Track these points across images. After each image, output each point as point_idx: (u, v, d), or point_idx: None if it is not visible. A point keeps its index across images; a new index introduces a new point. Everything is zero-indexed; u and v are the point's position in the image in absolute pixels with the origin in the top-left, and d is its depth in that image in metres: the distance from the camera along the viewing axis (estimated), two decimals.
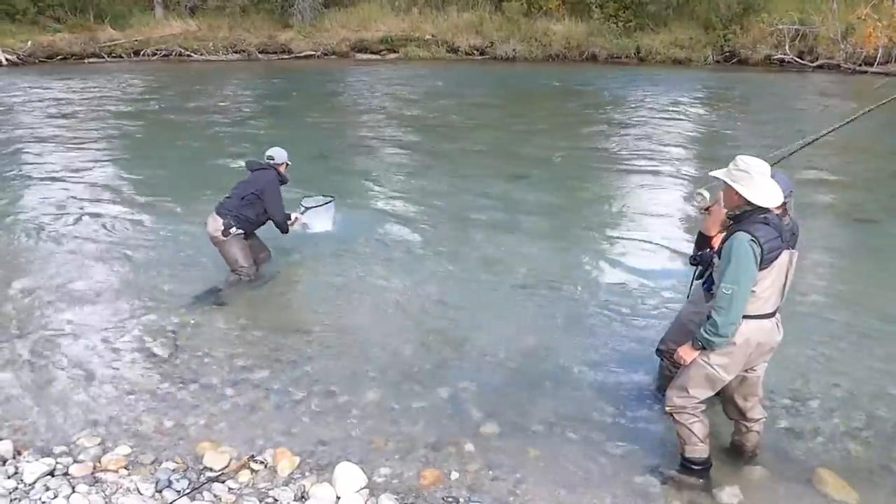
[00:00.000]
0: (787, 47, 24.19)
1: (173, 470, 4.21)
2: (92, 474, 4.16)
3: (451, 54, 28.35)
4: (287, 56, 29.19)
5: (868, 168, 11.88)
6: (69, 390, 5.17)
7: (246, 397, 5.07)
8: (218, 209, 6.72)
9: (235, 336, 6.06)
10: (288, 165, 7.06)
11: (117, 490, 4.00)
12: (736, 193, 3.69)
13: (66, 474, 4.15)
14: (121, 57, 28.89)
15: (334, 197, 8.13)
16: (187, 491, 3.98)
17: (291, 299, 6.72)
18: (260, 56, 29.30)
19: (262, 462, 4.29)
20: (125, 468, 4.24)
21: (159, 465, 4.28)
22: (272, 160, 6.91)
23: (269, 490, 4.04)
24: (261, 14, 30.96)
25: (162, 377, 5.35)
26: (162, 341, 5.92)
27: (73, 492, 3.94)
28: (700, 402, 4.03)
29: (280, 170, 6.94)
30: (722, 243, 3.80)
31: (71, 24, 30.11)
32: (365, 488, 4.02)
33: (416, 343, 5.89)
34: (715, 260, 3.94)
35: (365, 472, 4.12)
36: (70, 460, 4.29)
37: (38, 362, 5.56)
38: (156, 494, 3.97)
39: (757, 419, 4.24)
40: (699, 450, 4.10)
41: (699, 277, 4.37)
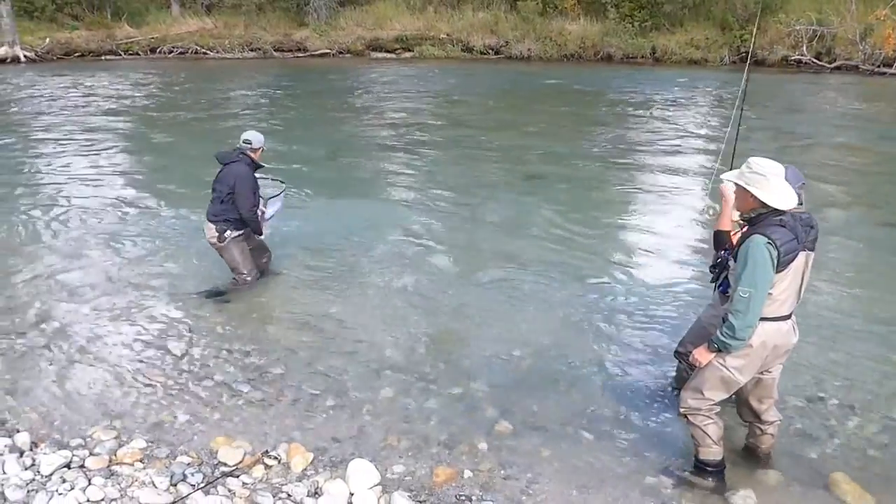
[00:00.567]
0: (805, 48, 24.00)
1: (188, 464, 4.24)
2: (108, 467, 4.19)
3: (466, 53, 28.33)
4: (302, 54, 29.28)
5: (890, 171, 11.77)
6: (85, 384, 5.22)
7: (260, 393, 5.10)
8: (208, 216, 6.54)
9: (250, 332, 6.09)
10: (263, 150, 6.63)
11: (133, 483, 4.03)
12: (751, 196, 3.66)
13: (83, 467, 4.19)
14: (137, 54, 29.07)
15: (284, 182, 7.60)
16: (202, 485, 4.01)
17: (304, 297, 6.73)
18: (275, 54, 29.40)
19: (276, 458, 4.31)
20: (140, 461, 4.27)
21: (174, 459, 4.31)
22: (248, 144, 6.48)
23: (283, 486, 4.05)
24: (276, 12, 31.08)
25: (177, 372, 5.39)
26: (177, 337, 5.97)
27: (90, 484, 3.97)
28: (715, 405, 4.02)
29: (254, 156, 6.53)
30: (737, 246, 3.78)
31: (88, 22, 30.36)
32: (378, 485, 4.03)
33: (430, 342, 5.89)
34: (730, 262, 3.93)
35: (378, 470, 4.13)
36: (86, 453, 4.32)
37: (55, 356, 5.61)
38: (171, 488, 4.00)
39: (772, 422, 4.22)
40: (713, 452, 4.09)
41: (715, 280, 4.35)
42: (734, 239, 4.08)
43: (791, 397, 4.91)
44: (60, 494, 3.87)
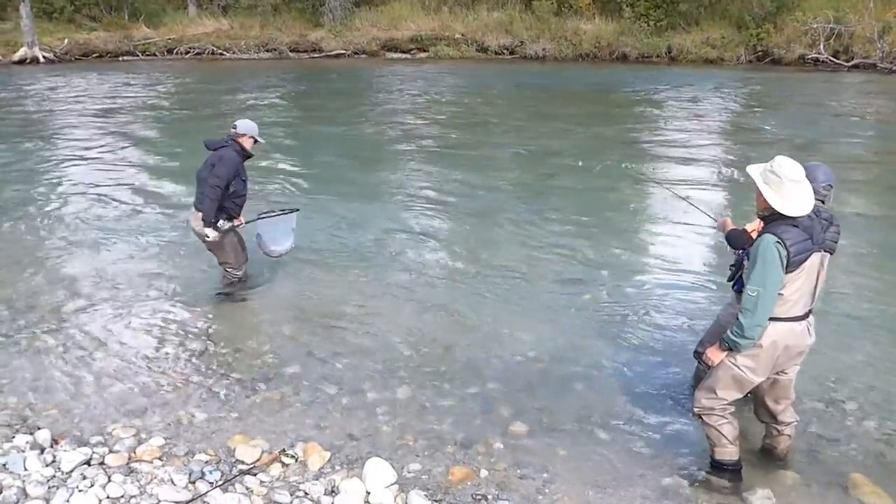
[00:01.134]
0: (822, 46, 23.82)
1: (206, 462, 4.28)
2: (127, 464, 4.23)
3: (481, 53, 28.34)
4: (318, 55, 29.39)
5: None
6: (104, 381, 5.28)
7: (277, 392, 5.13)
8: (195, 204, 6.39)
9: (267, 331, 6.13)
10: (257, 142, 6.45)
11: (152, 480, 4.07)
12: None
13: (102, 464, 4.23)
14: (154, 55, 29.30)
15: (298, 209, 7.22)
16: (220, 483, 4.04)
17: (319, 296, 6.75)
18: (291, 55, 29.54)
19: (293, 456, 4.33)
20: (159, 459, 4.31)
21: (192, 457, 4.34)
22: (234, 129, 6.34)
23: (300, 484, 4.08)
24: (292, 13, 31.23)
25: (195, 370, 5.44)
26: (194, 336, 6.02)
27: (109, 481, 4.01)
28: (729, 404, 4.01)
29: (242, 142, 6.33)
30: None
31: (106, 23, 30.64)
32: (394, 484, 4.05)
33: (445, 341, 5.90)
34: (745, 261, 3.92)
35: (394, 468, 4.14)
36: (106, 450, 4.36)
37: (74, 353, 5.68)
38: (189, 485, 4.03)
39: (788, 423, 4.20)
40: (729, 451, 4.08)
41: (730, 280, 4.34)
42: (753, 236, 4.07)
43: (808, 398, 4.88)
44: (81, 491, 3.91)
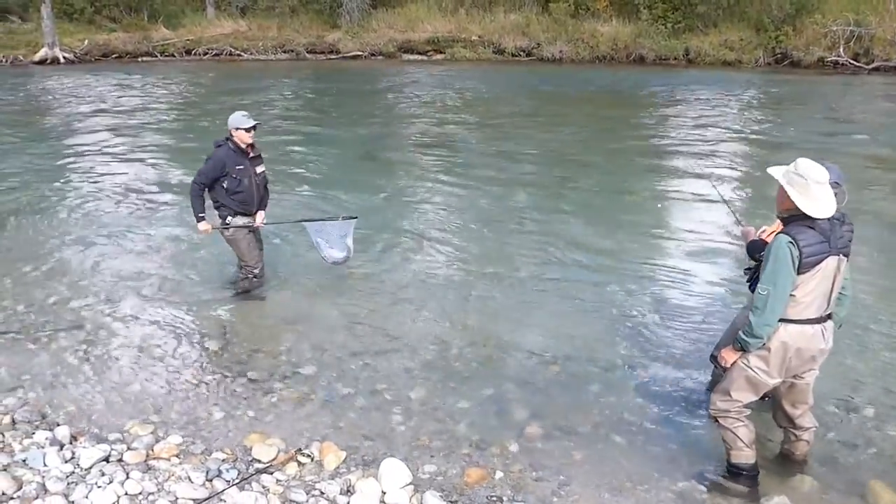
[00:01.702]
0: (842, 49, 23.62)
1: (223, 460, 4.31)
2: (145, 461, 4.27)
3: (497, 55, 28.33)
4: (335, 56, 29.49)
5: None
6: (123, 379, 5.33)
7: (293, 391, 5.16)
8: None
9: (283, 331, 6.17)
10: (250, 130, 6.30)
11: (169, 478, 4.10)
12: (788, 196, 3.65)
13: (121, 461, 4.26)
14: (173, 56, 29.55)
15: (356, 217, 7.10)
16: (237, 481, 4.07)
17: (337, 296, 6.78)
18: (308, 56, 29.67)
19: (309, 455, 4.35)
20: (177, 457, 4.35)
21: (209, 455, 4.38)
22: (227, 126, 6.32)
23: (316, 483, 4.10)
24: (309, 14, 31.36)
25: (212, 369, 5.47)
26: (212, 335, 6.07)
27: (128, 478, 4.05)
28: (744, 407, 3.99)
29: (234, 138, 6.29)
30: None
31: (126, 24, 30.94)
32: (410, 485, 4.06)
33: (461, 342, 5.91)
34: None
35: (410, 469, 4.15)
36: (124, 447, 4.40)
37: (92, 351, 5.73)
38: (206, 483, 4.06)
39: (807, 427, 4.17)
40: (745, 455, 4.05)
41: (748, 281, 4.32)
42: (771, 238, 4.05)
43: (827, 403, 4.83)
44: (99, 487, 3.94)
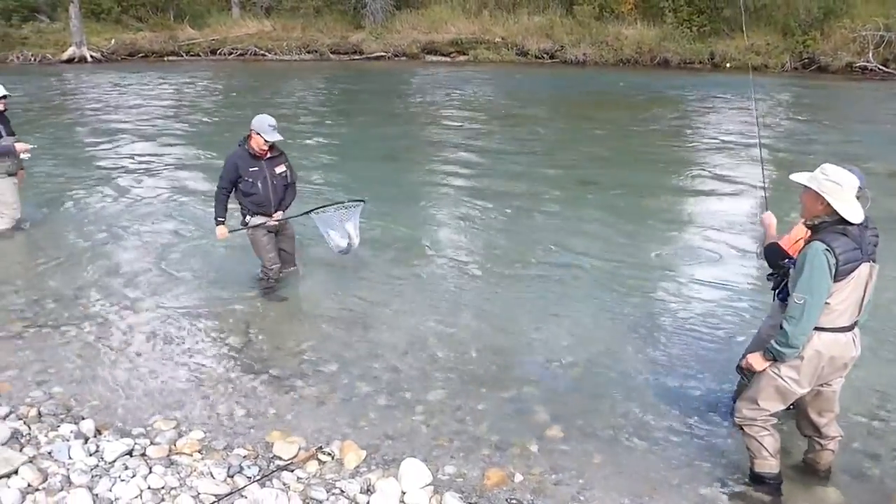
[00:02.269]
0: (871, 54, 23.31)
1: (244, 456, 4.34)
2: (167, 456, 4.31)
3: (521, 57, 28.26)
4: (358, 57, 29.61)
5: None
6: (146, 374, 5.39)
7: (314, 389, 5.18)
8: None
9: (305, 329, 6.21)
10: (267, 141, 6.27)
11: (191, 473, 4.14)
12: (821, 203, 3.60)
13: (144, 455, 4.31)
14: (198, 55, 29.84)
15: (364, 200, 7.13)
16: (258, 478, 4.09)
17: (358, 295, 6.80)
18: (332, 56, 29.81)
19: (330, 454, 4.37)
20: (199, 452, 4.38)
21: (231, 451, 4.41)
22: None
23: (337, 482, 4.11)
24: (333, 15, 31.53)
25: (234, 366, 5.52)
26: (235, 331, 6.11)
27: (150, 472, 4.09)
28: (771, 416, 3.95)
29: (251, 139, 6.31)
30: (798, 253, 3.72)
31: (152, 23, 31.30)
32: (429, 485, 4.06)
33: (481, 344, 5.90)
34: (791, 270, 3.85)
35: (430, 469, 4.16)
36: (147, 442, 4.45)
37: (117, 346, 5.80)
38: (227, 479, 4.09)
39: (832, 437, 4.12)
40: (769, 464, 4.02)
41: (775, 288, 4.27)
42: (797, 247, 4.01)
43: (853, 413, 4.77)
44: (123, 481, 3.99)
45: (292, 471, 4.21)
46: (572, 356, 5.67)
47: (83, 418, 4.71)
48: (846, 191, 3.56)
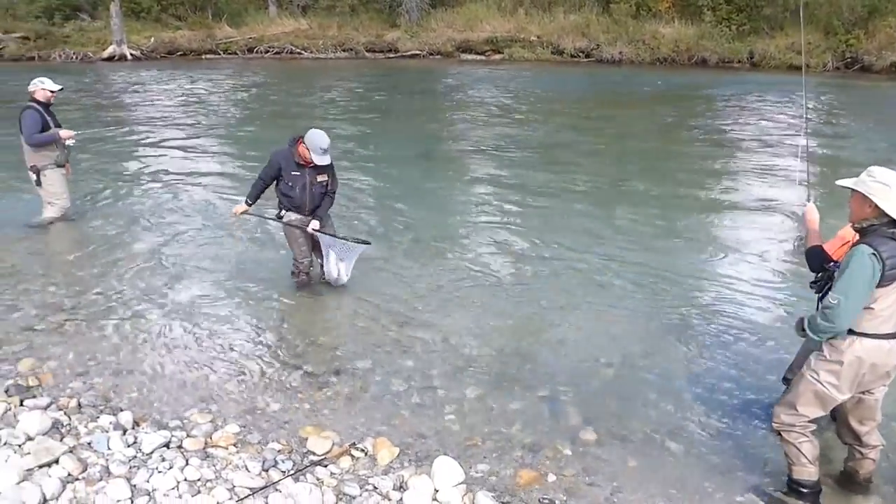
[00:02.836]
0: None
1: (279, 451, 4.37)
2: (203, 449, 4.37)
3: (556, 56, 28.15)
4: (393, 55, 29.73)
5: None
6: (183, 368, 5.46)
7: (348, 386, 5.21)
8: None
9: (339, 326, 6.25)
10: (315, 160, 6.32)
11: (227, 466, 4.18)
12: (869, 206, 3.53)
13: (180, 447, 4.37)
14: (235, 54, 30.18)
15: (369, 242, 7.00)
16: (292, 472, 4.13)
17: (393, 293, 6.82)
18: (367, 55, 29.96)
19: (363, 450, 4.39)
20: (234, 446, 4.43)
21: (265, 446, 4.45)
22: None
23: (370, 478, 4.13)
24: (369, 13, 31.73)
25: (270, 361, 5.56)
26: (270, 326, 6.18)
27: (187, 464, 4.14)
28: (810, 422, 3.87)
29: (299, 148, 6.36)
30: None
31: (191, 22, 31.75)
32: (462, 483, 4.06)
33: (515, 343, 5.89)
34: (835, 273, 3.78)
35: (462, 468, 4.15)
36: (183, 434, 4.51)
37: (155, 340, 5.89)
38: (262, 473, 4.13)
39: (873, 446, 4.03)
40: (808, 472, 3.93)
41: (818, 293, 4.18)
42: (843, 250, 3.93)
43: (894, 421, 4.67)
44: (160, 472, 4.05)
45: (326, 466, 4.24)
46: (606, 357, 5.63)
47: (122, 410, 4.79)
48: (894, 192, 3.48)
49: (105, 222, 8.81)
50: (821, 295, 4.09)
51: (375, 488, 4.03)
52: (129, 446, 4.33)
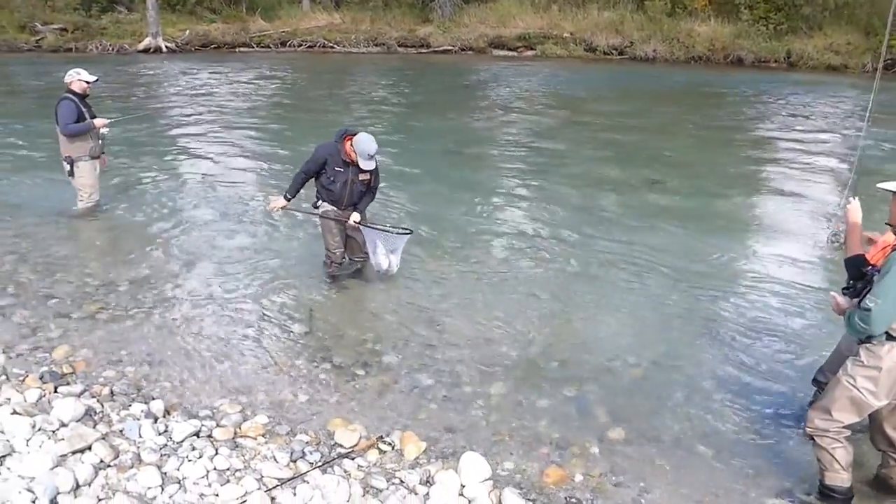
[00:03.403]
0: None
1: (307, 442, 4.40)
2: (233, 439, 4.41)
3: (589, 53, 27.90)
4: (425, 50, 29.69)
5: None
6: (213, 359, 5.51)
7: (376, 379, 5.23)
8: None
9: (368, 319, 6.27)
10: (361, 164, 6.37)
11: (255, 456, 4.22)
12: None
13: (210, 437, 4.42)
14: (268, 47, 30.36)
15: (411, 231, 6.99)
16: (319, 464, 4.15)
17: (419, 289, 6.82)
18: (399, 49, 29.98)
19: (390, 444, 4.41)
20: (263, 436, 4.47)
21: (293, 437, 4.48)
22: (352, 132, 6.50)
23: (396, 472, 4.14)
24: (402, 8, 31.73)
25: (298, 353, 5.61)
26: (299, 319, 6.21)
27: (217, 454, 4.19)
28: (844, 427, 3.81)
29: (345, 148, 6.39)
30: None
31: (225, 15, 32.01)
32: (489, 480, 4.05)
33: (543, 341, 5.87)
34: (874, 277, 3.71)
35: (489, 464, 4.15)
36: (213, 424, 4.56)
37: (186, 330, 5.95)
38: (290, 464, 4.16)
39: None
40: (841, 478, 3.87)
41: (855, 296, 4.11)
42: (883, 254, 3.85)
43: None
44: (190, 461, 4.10)
45: (353, 459, 4.26)
46: (635, 356, 5.58)
47: (153, 398, 4.85)
48: None
49: (138, 212, 8.92)
50: (859, 300, 4.02)
51: (402, 482, 4.04)
52: (160, 434, 4.38)
